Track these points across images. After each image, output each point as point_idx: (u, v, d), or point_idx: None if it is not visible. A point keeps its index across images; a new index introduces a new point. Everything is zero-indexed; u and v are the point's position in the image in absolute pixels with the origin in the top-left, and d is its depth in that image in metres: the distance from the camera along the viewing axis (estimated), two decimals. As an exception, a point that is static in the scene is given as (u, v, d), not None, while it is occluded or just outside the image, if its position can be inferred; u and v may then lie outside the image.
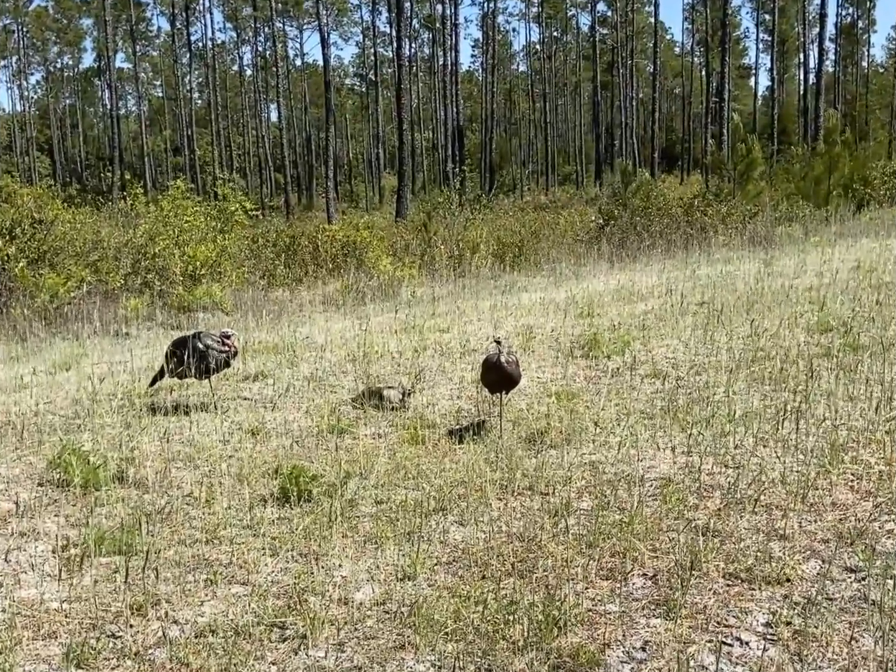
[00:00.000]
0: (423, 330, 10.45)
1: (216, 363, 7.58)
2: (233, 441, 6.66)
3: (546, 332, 10.06)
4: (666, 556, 4.63)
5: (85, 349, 10.61)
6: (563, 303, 11.81)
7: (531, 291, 14.13)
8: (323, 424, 6.93)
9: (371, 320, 10.12)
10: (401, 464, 6.03)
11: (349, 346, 9.68)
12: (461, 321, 11.04)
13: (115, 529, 5.08)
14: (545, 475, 5.75)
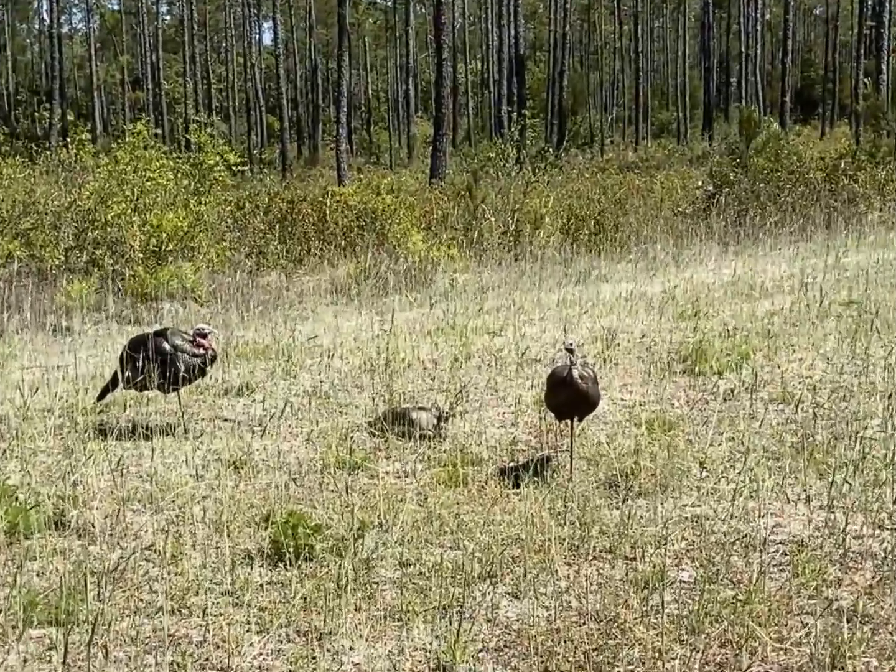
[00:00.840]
0: (466, 331, 10.48)
1: (187, 371, 7.65)
2: (208, 476, 6.71)
3: (634, 339, 10.04)
4: (797, 649, 4.60)
5: (12, 348, 10.77)
6: (657, 298, 11.77)
7: (614, 282, 14.08)
8: (330, 457, 6.97)
9: (396, 317, 10.13)
10: (434, 513, 6.04)
11: (366, 350, 9.73)
12: (518, 320, 11.05)
13: (50, 592, 5.14)
14: (631, 533, 5.73)
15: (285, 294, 14.27)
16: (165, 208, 16.84)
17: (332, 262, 17.00)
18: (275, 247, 17.82)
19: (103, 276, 14.81)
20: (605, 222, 19.61)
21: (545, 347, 9.86)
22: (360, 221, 18.88)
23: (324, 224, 18.90)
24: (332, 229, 18.70)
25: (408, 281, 14.75)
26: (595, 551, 5.61)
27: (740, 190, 21.67)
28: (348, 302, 13.60)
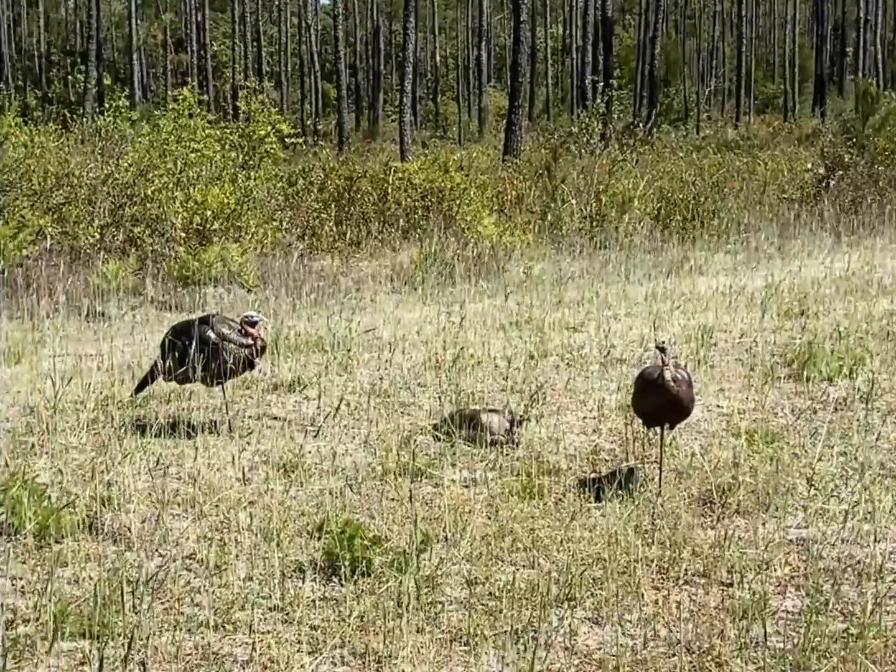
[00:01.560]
0: (542, 326, 10.49)
1: (234, 362, 7.72)
2: (256, 480, 6.78)
3: (733, 339, 9.99)
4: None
5: (42, 334, 10.91)
6: (759, 294, 11.70)
7: (710, 274, 14.01)
8: (390, 462, 7.01)
9: (465, 308, 10.16)
10: (506, 527, 6.05)
11: (431, 345, 9.77)
12: (601, 315, 11.04)
13: (83, 601, 5.22)
14: (727, 556, 5.71)
15: (341, 280, 14.33)
16: (211, 183, 16.98)
17: (393, 247, 17.04)
18: (330, 228, 17.87)
19: (142, 256, 14.98)
20: (700, 207, 19.45)
21: (632, 346, 9.83)
22: (426, 202, 18.87)
23: (385, 204, 18.92)
24: (394, 210, 18.72)
25: (478, 269, 14.75)
26: (686, 575, 5.60)
27: (856, 173, 21.40)
28: (411, 291, 13.64)
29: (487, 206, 19.00)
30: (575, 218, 18.51)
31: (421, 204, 18.81)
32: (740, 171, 24.57)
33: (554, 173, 21.21)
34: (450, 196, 18.96)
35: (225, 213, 16.15)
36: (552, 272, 14.43)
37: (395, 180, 19.32)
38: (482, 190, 19.95)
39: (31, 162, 17.27)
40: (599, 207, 18.97)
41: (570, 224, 18.22)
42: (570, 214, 18.70)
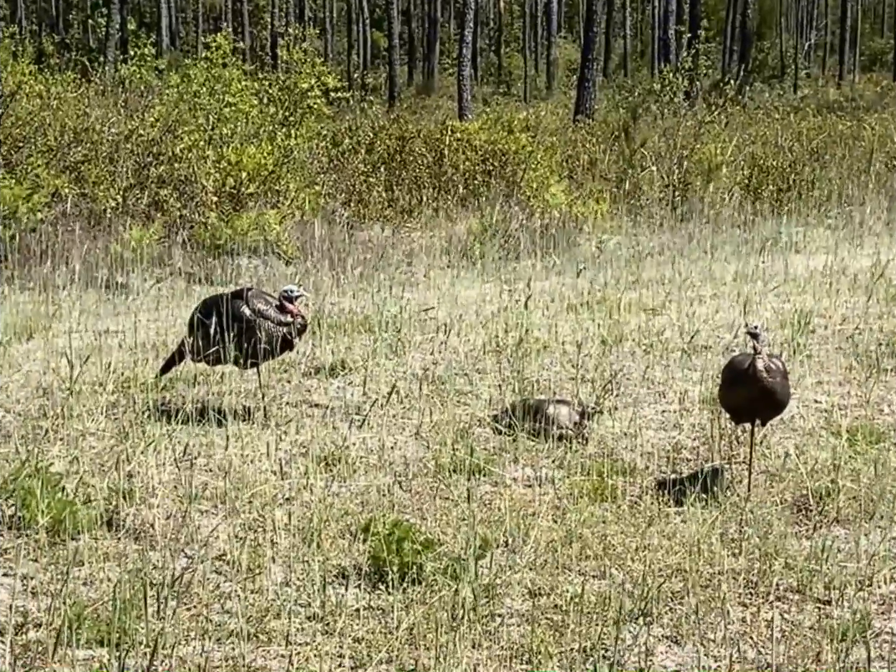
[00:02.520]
0: (617, 308, 10.45)
1: (270, 342, 7.75)
2: (294, 474, 6.81)
3: (833, 325, 9.92)
4: None
5: (57, 307, 11.00)
6: (864, 275, 11.60)
7: (808, 252, 13.91)
8: (444, 457, 7.03)
9: (530, 286, 10.11)
10: (574, 532, 6.05)
11: (491, 327, 9.78)
12: (684, 296, 10.99)
13: (100, 604, 5.26)
14: (825, 570, 5.68)
15: (391, 253, 14.34)
16: (247, 141, 17.01)
17: (449, 216, 17.01)
18: (379, 193, 17.86)
19: (168, 222, 15.03)
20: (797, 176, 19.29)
21: (718, 331, 9.78)
22: (487, 166, 18.83)
23: (440, 168, 18.90)
24: (451, 174, 18.69)
25: (545, 242, 14.70)
26: (778, 590, 5.57)
27: (976, 140, 21.14)
28: (469, 266, 13.63)
29: (556, 172, 18.94)
30: (655, 186, 18.40)
31: (481, 168, 18.78)
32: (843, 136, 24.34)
33: (632, 136, 21.12)
34: (514, 160, 18.92)
35: (262, 175, 16.17)
36: (629, 247, 14.38)
37: (452, 141, 19.29)
38: (550, 154, 19.90)
39: (46, 115, 17.33)
40: (683, 175, 18.84)
41: (650, 193, 18.13)
42: (650, 182, 18.59)
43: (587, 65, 35.96)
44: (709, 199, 17.57)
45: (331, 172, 18.53)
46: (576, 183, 19.06)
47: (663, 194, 18.17)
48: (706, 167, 19.04)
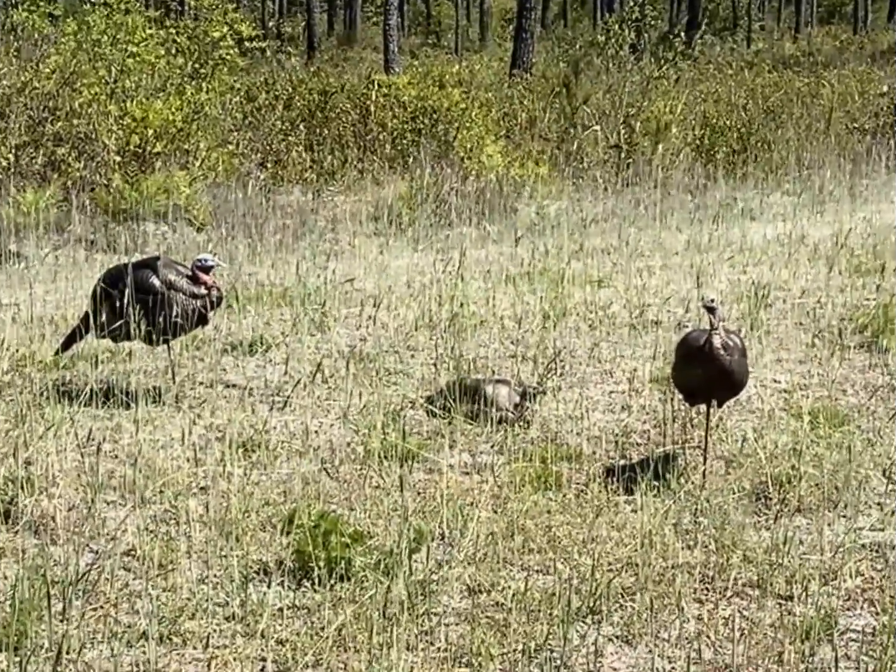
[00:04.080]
0: (560, 280, 10.44)
1: (183, 316, 7.69)
2: (210, 461, 6.73)
3: (793, 298, 9.96)
4: None
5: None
6: (825, 244, 11.68)
7: (765, 220, 13.97)
8: (374, 442, 6.99)
9: (465, 256, 10.12)
10: (516, 523, 6.05)
11: (423, 300, 9.76)
12: (632, 267, 11.00)
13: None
14: (786, 563, 5.71)
15: (313, 219, 14.29)
16: (153, 96, 16.85)
17: (376, 179, 16.96)
18: (299, 154, 17.76)
19: (67, 184, 14.82)
20: (752, 137, 19.40)
21: (670, 305, 9.80)
22: (416, 124, 18.76)
23: (366, 126, 18.82)
24: (378, 133, 18.62)
25: (480, 208, 14.71)
26: (737, 586, 5.60)
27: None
28: (399, 233, 13.58)
29: (492, 131, 18.91)
30: (599, 148, 18.43)
31: (410, 127, 18.72)
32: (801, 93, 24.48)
33: (574, 92, 21.09)
34: (446, 118, 18.86)
35: (170, 133, 16.03)
36: (572, 213, 14.40)
37: (378, 97, 19.22)
38: (485, 111, 19.85)
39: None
40: (630, 135, 18.89)
41: (594, 155, 18.16)
42: (594, 143, 18.62)
43: (524, 14, 35.87)
44: (658, 161, 17.62)
45: (246, 130, 18.39)
46: (513, 143, 19.05)
47: (608, 156, 18.20)
48: (654, 127, 19.09)
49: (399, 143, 18.37)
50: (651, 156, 17.96)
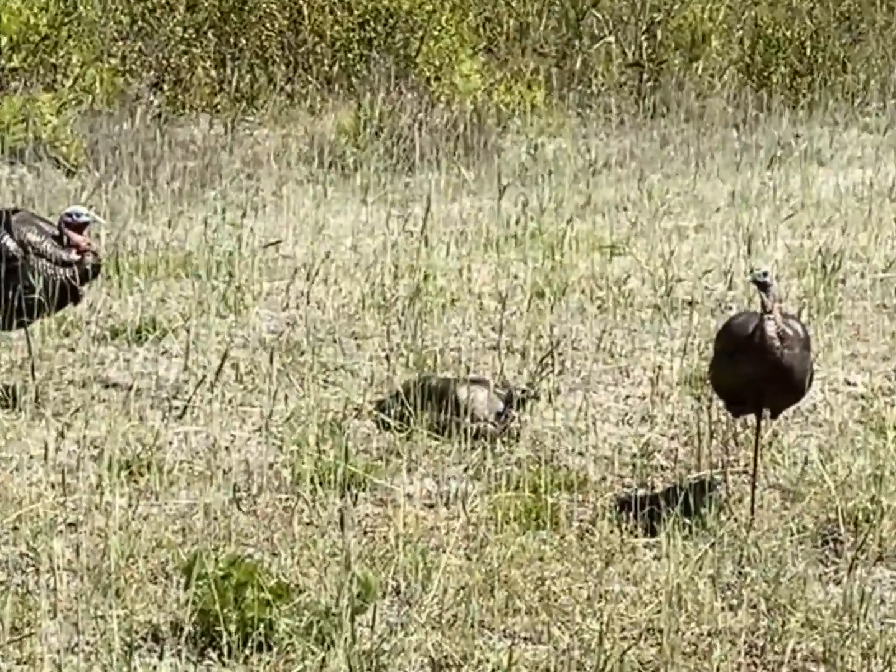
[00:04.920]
0: (559, 244, 10.42)
1: (47, 290, 7.67)
2: (83, 487, 6.72)
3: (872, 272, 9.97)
4: None
5: None
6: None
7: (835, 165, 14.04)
8: (305, 462, 6.98)
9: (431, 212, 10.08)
10: (497, 573, 6.04)
11: (374, 272, 9.80)
12: (657, 228, 11.03)
13: None
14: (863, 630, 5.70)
15: (224, 160, 14.24)
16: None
17: (311, 107, 16.90)
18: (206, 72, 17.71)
19: None
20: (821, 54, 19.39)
21: (707, 280, 9.81)
22: (367, 32, 18.72)
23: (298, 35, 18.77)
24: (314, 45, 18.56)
25: (452, 146, 14.68)
26: (795, 660, 5.60)
27: None
28: (341, 181, 13.58)
29: (469, 43, 18.87)
30: (614, 66, 18.40)
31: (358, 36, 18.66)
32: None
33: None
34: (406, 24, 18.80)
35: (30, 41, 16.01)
36: (576, 155, 14.38)
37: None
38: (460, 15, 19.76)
39: None
40: (654, 49, 18.88)
41: (606, 76, 18.12)
42: (606, 60, 18.58)
43: None
44: (692, 85, 17.60)
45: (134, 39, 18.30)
46: (497, 60, 18.97)
47: (626, 77, 18.16)
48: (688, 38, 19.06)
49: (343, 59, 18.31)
50: (683, 78, 17.92)
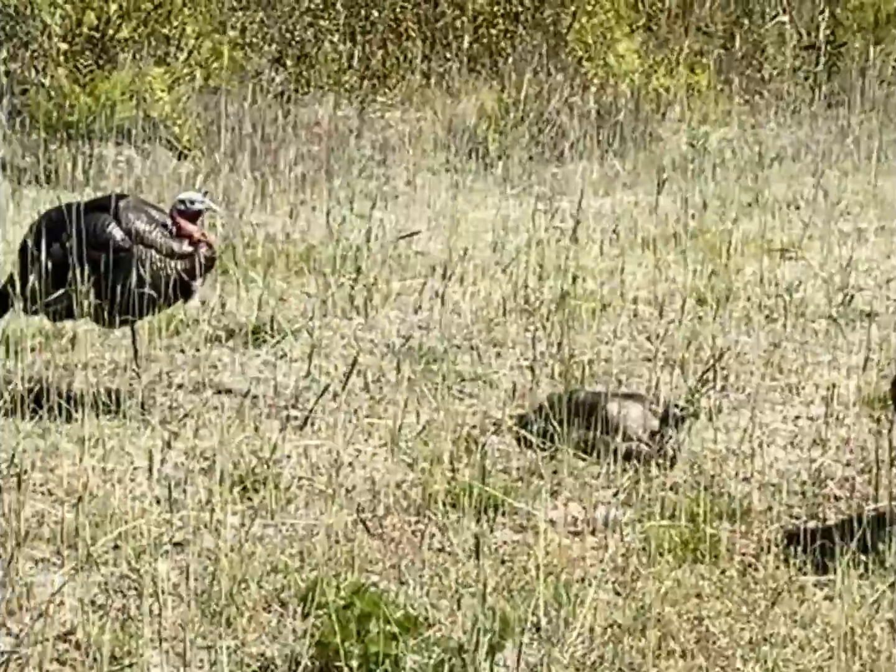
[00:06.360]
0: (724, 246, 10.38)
1: (156, 285, 7.72)
2: (190, 503, 6.74)
3: None
4: None
5: None
6: None
7: None
8: (437, 482, 6.99)
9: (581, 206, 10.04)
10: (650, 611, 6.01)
11: (517, 272, 9.79)
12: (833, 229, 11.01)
13: None
14: None
15: (353, 144, 14.29)
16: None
17: (450, 87, 16.94)
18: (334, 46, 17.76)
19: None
20: None
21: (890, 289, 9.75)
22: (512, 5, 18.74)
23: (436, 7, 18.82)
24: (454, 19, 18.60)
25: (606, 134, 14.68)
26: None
27: None
28: (481, 170, 13.62)
29: (625, 20, 18.86)
30: (787, 48, 18.31)
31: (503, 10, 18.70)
32: None
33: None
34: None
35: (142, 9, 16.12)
36: (743, 146, 14.34)
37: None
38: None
39: None
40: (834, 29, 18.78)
41: (779, 59, 18.05)
42: (779, 42, 18.50)
43: None
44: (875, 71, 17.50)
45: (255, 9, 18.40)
46: (657, 39, 18.95)
47: (800, 61, 18.08)
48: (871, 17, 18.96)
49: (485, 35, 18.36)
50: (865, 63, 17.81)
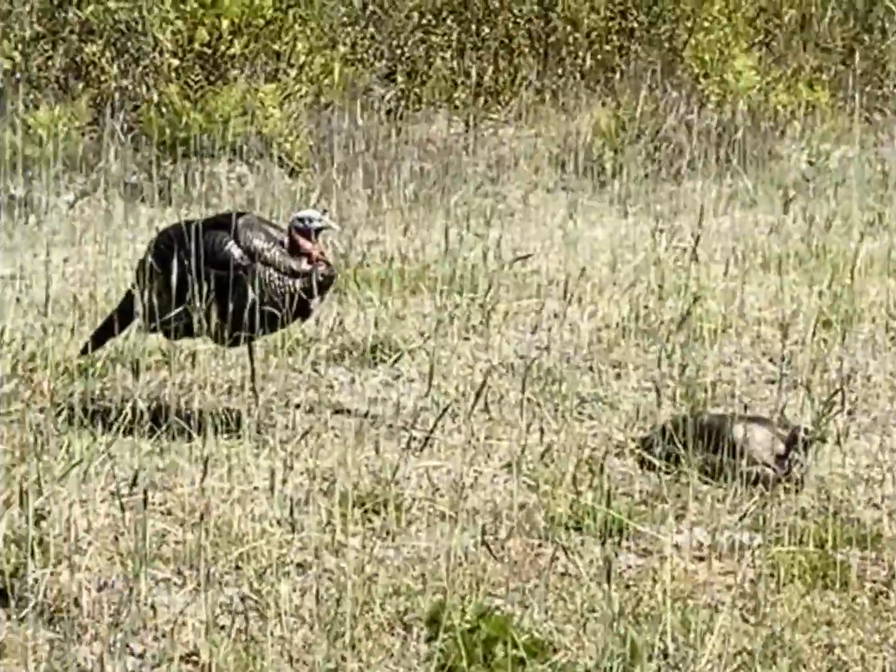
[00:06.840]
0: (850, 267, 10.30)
1: (274, 302, 7.77)
2: (310, 524, 6.79)
3: None
4: None
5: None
6: None
7: None
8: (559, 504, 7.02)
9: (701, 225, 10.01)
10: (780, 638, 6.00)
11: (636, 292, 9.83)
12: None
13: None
14: None
15: (466, 162, 14.28)
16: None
17: (564, 104, 16.90)
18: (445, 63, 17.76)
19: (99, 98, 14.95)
20: None
21: None
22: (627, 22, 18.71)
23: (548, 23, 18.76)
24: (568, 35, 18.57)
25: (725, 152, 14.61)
26: None
27: None
28: (597, 188, 13.58)
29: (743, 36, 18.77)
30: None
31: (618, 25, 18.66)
32: None
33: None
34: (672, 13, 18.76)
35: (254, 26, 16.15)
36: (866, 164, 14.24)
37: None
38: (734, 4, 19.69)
39: None
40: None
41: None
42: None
43: None
44: None
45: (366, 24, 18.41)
46: (775, 55, 18.86)
47: None
48: None
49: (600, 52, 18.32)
50: None
